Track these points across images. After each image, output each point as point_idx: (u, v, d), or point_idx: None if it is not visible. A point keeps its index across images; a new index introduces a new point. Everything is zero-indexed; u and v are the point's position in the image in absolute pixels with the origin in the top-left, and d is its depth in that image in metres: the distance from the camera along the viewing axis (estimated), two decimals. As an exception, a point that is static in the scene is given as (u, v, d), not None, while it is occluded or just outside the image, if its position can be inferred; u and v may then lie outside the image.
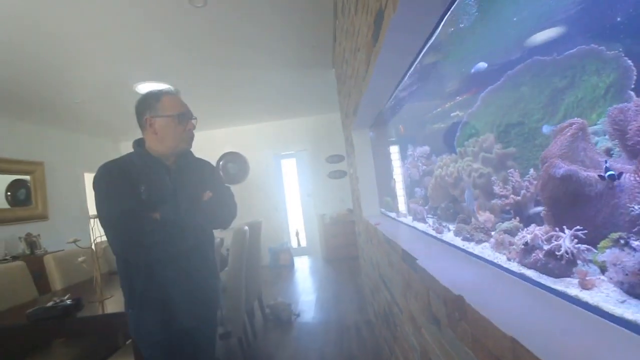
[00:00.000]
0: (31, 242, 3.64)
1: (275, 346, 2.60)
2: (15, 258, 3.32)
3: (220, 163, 5.79)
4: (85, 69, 2.91)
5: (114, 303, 1.72)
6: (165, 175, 1.19)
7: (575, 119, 0.65)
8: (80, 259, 1.75)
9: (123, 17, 2.21)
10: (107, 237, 1.09)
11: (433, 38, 0.97)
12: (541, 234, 0.65)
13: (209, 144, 5.65)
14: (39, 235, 3.77)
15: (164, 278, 1.14)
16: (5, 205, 3.75)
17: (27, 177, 4.00)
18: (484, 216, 0.90)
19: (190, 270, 1.20)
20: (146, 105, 1.20)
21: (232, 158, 5.82)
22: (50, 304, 1.59)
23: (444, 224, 1.19)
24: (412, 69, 1.23)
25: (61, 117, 4.07)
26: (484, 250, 0.86)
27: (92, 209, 4.98)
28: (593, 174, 0.57)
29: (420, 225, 1.44)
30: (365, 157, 2.50)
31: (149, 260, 1.11)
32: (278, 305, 3.16)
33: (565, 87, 0.80)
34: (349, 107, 2.36)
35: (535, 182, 0.77)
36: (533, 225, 0.68)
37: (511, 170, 0.86)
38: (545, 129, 0.82)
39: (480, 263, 0.83)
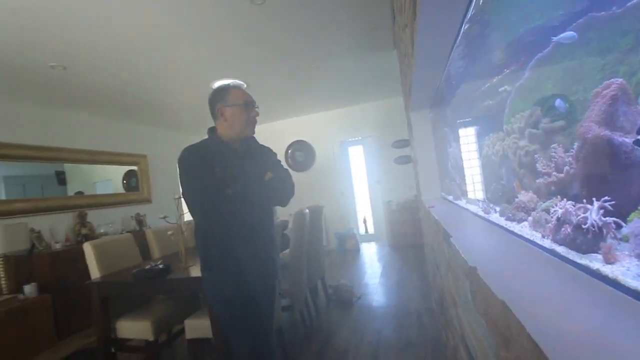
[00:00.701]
0: (139, 221, 4.43)
1: (335, 323, 2.74)
2: (129, 232, 4.10)
3: (289, 151, 6.11)
4: (173, 73, 3.37)
5: (195, 270, 2.04)
6: (234, 157, 1.39)
7: (615, 79, 0.56)
8: (169, 232, 2.10)
9: (197, 24, 2.50)
10: (188, 208, 1.33)
11: (473, 3, 0.92)
12: (573, 209, 0.60)
13: (277, 134, 6.01)
14: (144, 215, 4.56)
15: (234, 245, 1.34)
16: (122, 191, 4.63)
17: (135, 168, 4.84)
18: (527, 196, 0.84)
19: (255, 241, 1.38)
20: (218, 97, 1.41)
21: (299, 146, 6.09)
22: (147, 267, 1.96)
23: (491, 205, 1.12)
24: (457, 41, 1.16)
25: (159, 117, 4.79)
26: (523, 228, 0.81)
27: (178, 192, 5.77)
28: (629, 140, 0.50)
29: (472, 207, 1.37)
30: (425, 139, 2.41)
31: (222, 229, 1.32)
32: (340, 287, 3.29)
33: (629, 47, 0.68)
34: (405, 87, 2.29)
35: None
36: (565, 200, 0.62)
37: (555, 145, 0.77)
38: (559, 103, 0.71)
39: (516, 241, 0.78)
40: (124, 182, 4.71)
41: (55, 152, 3.72)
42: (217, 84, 3.83)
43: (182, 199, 1.42)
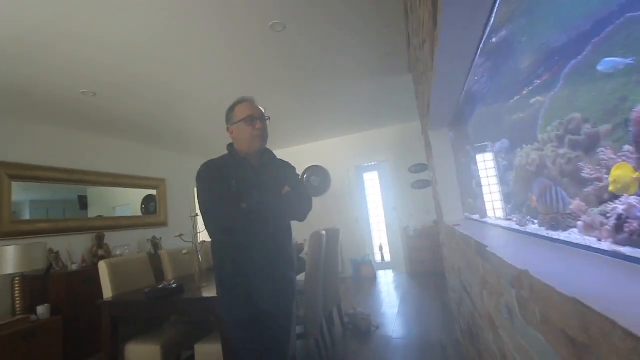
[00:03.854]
0: (155, 244, 4.42)
1: (352, 354, 2.56)
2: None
3: (305, 176, 6.12)
4: (193, 99, 3.49)
5: (208, 291, 1.97)
6: (251, 172, 1.37)
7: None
8: (184, 252, 2.06)
9: (216, 51, 2.61)
10: (204, 220, 1.30)
11: (496, 8, 0.90)
12: (638, 202, 0.53)
13: (294, 159, 6.03)
14: (160, 238, 4.56)
15: (249, 261, 1.28)
16: (139, 214, 4.68)
17: (154, 192, 4.92)
18: (574, 204, 0.77)
19: (270, 257, 1.32)
20: (227, 118, 1.46)
21: (315, 171, 6.10)
22: (160, 286, 1.91)
23: (528, 217, 1.04)
24: (478, 51, 1.14)
25: (178, 141, 4.93)
26: (571, 235, 0.73)
27: (194, 212, 5.79)
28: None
29: (503, 223, 1.28)
30: (445, 158, 2.34)
31: (237, 243, 1.27)
32: (357, 315, 3.12)
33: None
34: (423, 106, 2.27)
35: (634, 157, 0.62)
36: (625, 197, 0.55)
37: (602, 148, 0.71)
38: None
39: (564, 248, 0.70)
40: (143, 206, 4.78)
41: (79, 174, 3.83)
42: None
43: (200, 216, 1.39)
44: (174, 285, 1.88)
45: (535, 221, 0.98)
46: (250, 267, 1.30)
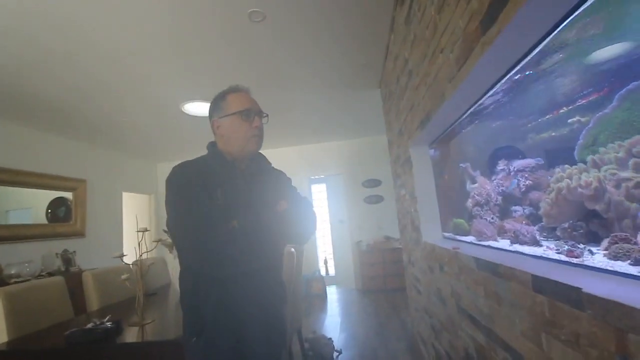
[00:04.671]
0: (67, 259, 3.58)
1: (319, 388, 2.28)
2: (50, 274, 3.25)
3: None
4: (134, 88, 2.93)
5: (154, 329, 1.53)
6: (240, 179, 1.05)
7: None
8: (123, 277, 1.59)
9: (174, 35, 2.20)
10: (177, 243, 0.94)
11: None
12: None
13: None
14: (74, 252, 3.72)
15: (235, 299, 0.95)
16: (44, 221, 3.76)
17: (69, 195, 4.04)
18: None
19: (262, 293, 1.01)
20: (213, 107, 1.11)
21: (265, 181, 5.73)
22: (89, 325, 1.42)
23: (579, 245, 0.93)
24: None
25: (106, 136, 4.15)
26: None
27: (128, 227, 4.95)
28: None
29: (527, 249, 1.18)
30: (426, 176, 2.28)
31: (223, 276, 0.94)
32: (319, 340, 2.86)
33: None
34: (410, 123, 2.18)
35: None
36: None
37: None
38: None
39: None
40: (49, 211, 3.86)
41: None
42: (192, 107, 3.45)
43: (168, 232, 1.02)
44: (109, 325, 1.41)
45: (596, 250, 0.88)
46: (239, 306, 0.98)
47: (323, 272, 6.03)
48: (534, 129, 1.25)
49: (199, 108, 3.46)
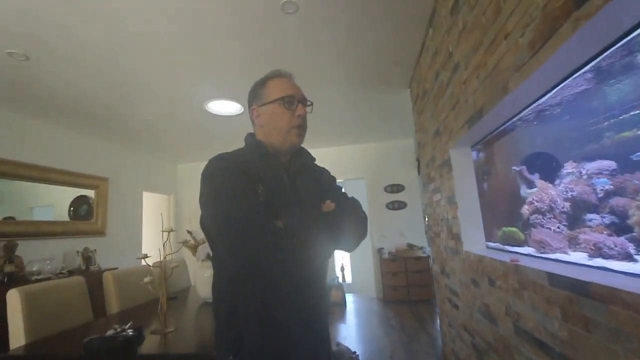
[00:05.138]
0: (87, 257, 3.55)
1: (347, 408, 2.11)
2: (71, 272, 3.21)
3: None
4: (158, 86, 2.88)
5: (176, 338, 1.41)
6: (284, 176, 0.91)
7: None
8: (146, 279, 1.48)
9: (204, 29, 2.11)
10: (217, 246, 0.82)
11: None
12: None
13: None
14: (94, 250, 3.68)
15: (282, 312, 0.82)
16: (66, 218, 3.75)
17: (92, 192, 4.03)
18: None
19: (309, 305, 0.87)
20: (253, 94, 0.98)
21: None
22: (109, 332, 1.31)
23: None
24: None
25: (130, 135, 4.14)
26: None
27: (148, 227, 4.93)
28: None
29: (617, 265, 0.99)
30: (468, 180, 2.09)
31: (266, 284, 0.81)
32: (343, 353, 2.69)
33: None
34: (452, 122, 2.01)
35: None
36: None
37: None
38: None
39: None
40: (71, 209, 3.85)
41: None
42: (215, 105, 3.38)
43: (203, 230, 0.89)
44: (130, 332, 1.29)
45: None
46: (286, 320, 0.84)
47: (340, 280, 5.85)
48: (611, 127, 1.07)
49: (223, 106, 3.38)
